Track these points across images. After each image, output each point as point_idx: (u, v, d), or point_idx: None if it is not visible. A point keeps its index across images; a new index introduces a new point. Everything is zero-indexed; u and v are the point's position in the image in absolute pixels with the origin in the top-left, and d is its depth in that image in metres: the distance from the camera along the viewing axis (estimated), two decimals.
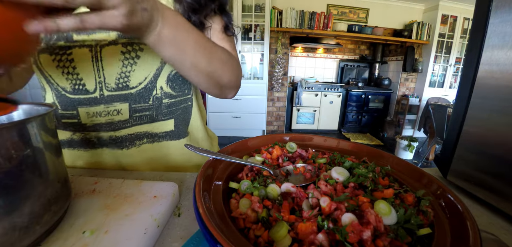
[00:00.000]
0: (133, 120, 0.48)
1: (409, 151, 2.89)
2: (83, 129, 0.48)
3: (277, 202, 0.28)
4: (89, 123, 0.47)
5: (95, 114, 0.46)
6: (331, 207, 0.26)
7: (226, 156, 0.34)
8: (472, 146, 0.41)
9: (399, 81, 3.80)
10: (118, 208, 0.31)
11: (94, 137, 0.48)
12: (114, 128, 0.48)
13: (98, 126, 0.47)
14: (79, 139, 0.49)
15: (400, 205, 0.27)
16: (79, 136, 0.48)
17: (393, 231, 0.24)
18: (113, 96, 0.46)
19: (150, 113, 0.49)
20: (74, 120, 0.47)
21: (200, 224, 0.22)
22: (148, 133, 0.50)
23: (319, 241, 0.23)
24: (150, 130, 0.50)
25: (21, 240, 0.22)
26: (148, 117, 0.49)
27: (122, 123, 0.48)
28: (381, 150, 0.41)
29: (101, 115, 0.46)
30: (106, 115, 0.47)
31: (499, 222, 0.35)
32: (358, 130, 3.95)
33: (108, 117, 0.47)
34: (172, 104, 0.51)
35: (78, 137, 0.48)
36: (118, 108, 0.47)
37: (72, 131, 0.48)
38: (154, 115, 0.50)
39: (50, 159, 0.26)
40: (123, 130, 0.48)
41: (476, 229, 0.23)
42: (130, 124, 0.48)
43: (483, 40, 0.39)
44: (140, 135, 0.50)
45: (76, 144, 0.49)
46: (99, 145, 0.49)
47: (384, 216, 0.25)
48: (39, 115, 0.24)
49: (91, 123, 0.47)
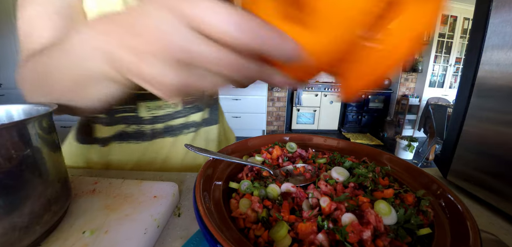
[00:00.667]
0: (185, 111, 0.54)
1: (409, 151, 2.89)
2: (140, 122, 0.50)
3: (277, 202, 0.28)
4: (148, 116, 0.50)
5: (156, 108, 0.50)
6: (331, 207, 0.26)
7: (226, 156, 0.34)
8: (472, 146, 0.41)
9: (399, 81, 3.80)
10: (118, 208, 0.31)
11: (149, 130, 0.51)
12: (170, 119, 0.52)
13: (156, 119, 0.51)
14: (133, 131, 0.51)
15: (400, 205, 0.27)
16: (134, 128, 0.50)
17: (393, 231, 0.24)
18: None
19: (196, 103, 0.55)
20: (131, 114, 0.49)
21: (200, 224, 0.22)
22: (195, 122, 0.55)
23: (319, 241, 0.23)
24: (196, 120, 0.56)
25: (21, 240, 0.22)
26: (196, 107, 0.55)
27: (177, 114, 0.52)
28: (381, 150, 0.41)
29: (161, 108, 0.50)
30: (166, 108, 0.51)
31: (499, 222, 0.35)
32: (358, 130, 3.95)
33: (167, 110, 0.51)
34: (211, 96, 0.58)
35: (133, 130, 0.51)
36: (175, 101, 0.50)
37: (126, 124, 0.50)
38: (199, 105, 0.56)
39: (50, 159, 0.26)
40: (176, 120, 0.53)
41: (476, 229, 0.23)
42: (182, 115, 0.53)
43: (483, 40, 0.39)
44: (188, 124, 0.54)
45: (129, 137, 0.51)
46: (152, 136, 0.51)
47: (384, 216, 0.25)
48: (39, 115, 0.24)
49: (149, 116, 0.50)
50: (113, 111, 0.49)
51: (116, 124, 0.50)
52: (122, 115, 0.49)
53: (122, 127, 0.50)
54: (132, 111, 0.49)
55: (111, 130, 0.50)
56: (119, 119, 0.50)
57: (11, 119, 0.30)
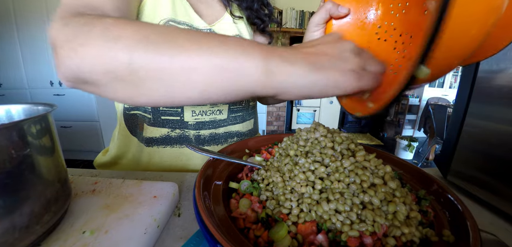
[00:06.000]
0: (229, 120, 0.54)
1: (409, 151, 2.89)
2: (184, 127, 0.50)
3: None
4: (192, 121, 0.50)
5: (201, 113, 0.50)
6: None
7: (226, 156, 0.34)
8: (472, 146, 0.41)
9: None
10: (118, 208, 0.31)
11: (192, 135, 0.50)
12: (215, 126, 0.52)
13: (201, 125, 0.51)
14: (177, 136, 0.50)
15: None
16: (178, 133, 0.50)
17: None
18: None
19: (242, 114, 0.56)
20: (176, 118, 0.49)
21: (200, 224, 0.22)
22: (239, 132, 0.56)
23: (319, 242, 0.23)
24: (240, 130, 0.56)
25: (21, 240, 0.22)
26: (240, 118, 0.56)
27: (222, 122, 0.53)
28: (381, 150, 0.41)
29: (206, 114, 0.51)
30: (210, 114, 0.51)
31: (499, 222, 0.35)
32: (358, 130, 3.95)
33: (212, 116, 0.51)
34: (253, 106, 0.60)
35: (177, 134, 0.50)
36: (220, 108, 0.52)
37: (170, 128, 0.50)
38: (244, 116, 0.56)
39: (50, 159, 0.26)
40: (221, 129, 0.53)
41: (476, 229, 0.23)
42: (227, 123, 0.54)
43: None
44: (232, 133, 0.55)
45: (173, 141, 0.50)
46: (196, 143, 0.51)
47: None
48: (39, 115, 0.24)
49: (193, 122, 0.50)
50: (159, 112, 0.48)
51: (161, 126, 0.49)
52: (167, 118, 0.49)
53: (166, 131, 0.50)
54: (177, 115, 0.49)
55: (156, 132, 0.49)
56: (164, 122, 0.49)
57: (11, 119, 0.30)
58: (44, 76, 2.25)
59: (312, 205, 0.25)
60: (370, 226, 0.22)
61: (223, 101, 0.26)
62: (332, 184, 0.26)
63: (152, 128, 0.49)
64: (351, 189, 0.25)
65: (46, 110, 0.27)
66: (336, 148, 0.29)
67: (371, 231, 0.22)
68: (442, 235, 0.24)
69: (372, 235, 0.22)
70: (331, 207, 0.24)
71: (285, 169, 0.30)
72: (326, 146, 0.29)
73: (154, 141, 0.50)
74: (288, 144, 0.34)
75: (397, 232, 0.22)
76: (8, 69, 2.26)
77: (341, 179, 0.25)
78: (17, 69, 2.25)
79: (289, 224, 0.24)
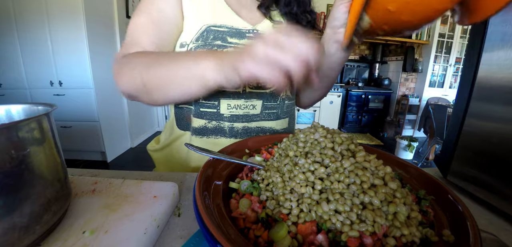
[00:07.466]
0: (262, 116, 0.56)
1: (409, 151, 2.89)
2: (220, 119, 0.53)
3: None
4: (227, 114, 0.53)
5: (235, 107, 0.53)
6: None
7: (226, 156, 0.34)
8: (472, 146, 0.41)
9: (399, 81, 3.80)
10: (118, 208, 0.31)
11: (227, 127, 0.53)
12: (248, 120, 0.54)
13: (235, 117, 0.53)
14: (213, 127, 0.53)
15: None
16: (214, 124, 0.53)
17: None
18: (252, 93, 0.53)
19: (276, 111, 0.57)
20: (213, 110, 0.52)
21: (200, 224, 0.22)
22: (272, 129, 0.57)
23: (319, 242, 0.23)
24: (273, 126, 0.57)
25: (21, 240, 0.22)
26: (274, 115, 0.57)
27: (254, 117, 0.55)
28: (381, 150, 0.41)
29: (240, 107, 0.53)
30: (244, 108, 0.53)
31: (499, 222, 0.35)
32: (358, 130, 3.95)
33: (245, 110, 0.53)
34: (290, 105, 0.60)
35: (213, 125, 0.53)
36: (254, 103, 0.54)
37: (207, 119, 0.53)
38: (278, 113, 0.57)
39: (50, 159, 0.26)
40: (253, 123, 0.55)
41: (476, 229, 0.23)
42: (260, 119, 0.55)
43: (483, 40, 0.39)
44: (265, 129, 0.57)
45: (209, 132, 0.53)
46: (229, 134, 0.54)
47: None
48: (39, 115, 0.24)
49: (228, 114, 0.53)
50: (199, 104, 0.52)
51: (200, 117, 0.53)
52: (205, 110, 0.52)
53: (204, 122, 0.53)
54: (214, 108, 0.52)
55: (197, 123, 0.53)
56: (202, 114, 0.53)
57: (11, 119, 0.30)
58: (44, 76, 2.25)
59: (312, 205, 0.25)
60: (370, 226, 0.22)
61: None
62: (332, 184, 0.26)
63: (196, 119, 0.54)
64: (351, 189, 0.25)
65: (46, 110, 0.27)
66: (336, 148, 0.29)
67: (371, 231, 0.22)
68: (442, 235, 0.24)
69: (372, 236, 0.22)
70: (331, 208, 0.24)
71: (285, 169, 0.30)
72: (326, 147, 0.29)
73: (195, 130, 0.54)
74: (288, 144, 0.34)
75: (397, 232, 0.22)
76: (8, 69, 2.26)
77: (341, 180, 0.25)
78: (17, 69, 2.25)
79: (289, 224, 0.24)
